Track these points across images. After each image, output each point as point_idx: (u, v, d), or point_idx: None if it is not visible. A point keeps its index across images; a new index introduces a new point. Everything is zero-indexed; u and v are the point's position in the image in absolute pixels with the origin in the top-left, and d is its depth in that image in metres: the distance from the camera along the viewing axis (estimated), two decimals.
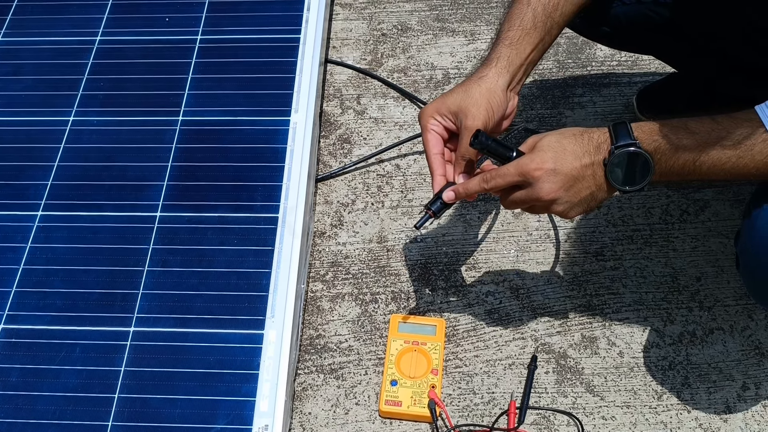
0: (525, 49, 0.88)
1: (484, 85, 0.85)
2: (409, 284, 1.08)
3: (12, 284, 0.99)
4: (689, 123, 0.77)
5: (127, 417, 0.89)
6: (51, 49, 1.23)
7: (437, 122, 0.87)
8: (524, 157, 0.80)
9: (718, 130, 0.76)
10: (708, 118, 0.77)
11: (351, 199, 1.17)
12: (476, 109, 0.84)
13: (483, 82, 0.86)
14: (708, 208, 1.15)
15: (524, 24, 0.88)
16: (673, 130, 0.77)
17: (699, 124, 0.77)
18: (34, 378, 0.93)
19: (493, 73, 0.86)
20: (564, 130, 0.82)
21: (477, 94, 0.85)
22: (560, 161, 0.78)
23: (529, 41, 0.88)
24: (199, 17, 1.26)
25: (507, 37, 0.88)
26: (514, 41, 0.88)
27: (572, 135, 0.81)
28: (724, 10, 0.96)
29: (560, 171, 0.78)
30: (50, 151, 1.12)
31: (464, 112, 0.84)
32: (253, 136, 1.12)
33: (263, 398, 0.90)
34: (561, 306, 1.06)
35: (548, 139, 0.80)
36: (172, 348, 0.94)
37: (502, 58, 0.87)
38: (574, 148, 0.79)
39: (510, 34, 0.88)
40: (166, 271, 1.00)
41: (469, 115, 0.84)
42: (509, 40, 0.88)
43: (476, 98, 0.84)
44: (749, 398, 0.97)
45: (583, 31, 1.12)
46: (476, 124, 0.84)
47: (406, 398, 0.95)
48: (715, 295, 1.06)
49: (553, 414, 0.96)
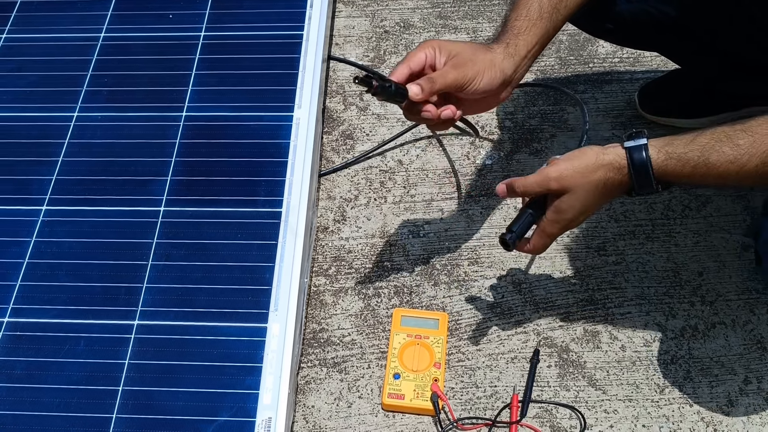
0: (530, 41, 0.88)
1: (489, 55, 0.85)
2: (411, 279, 1.08)
3: (17, 278, 1.00)
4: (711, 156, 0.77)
5: (131, 409, 0.90)
6: (55, 46, 1.23)
7: (426, 55, 0.85)
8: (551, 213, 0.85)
9: (739, 157, 0.75)
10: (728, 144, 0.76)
11: (354, 195, 1.18)
12: (471, 63, 0.84)
13: (491, 52, 0.86)
14: (710, 203, 1.15)
15: (531, 14, 0.88)
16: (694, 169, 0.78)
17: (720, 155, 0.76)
18: (39, 371, 0.93)
19: (501, 51, 0.86)
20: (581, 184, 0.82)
21: (481, 55, 0.85)
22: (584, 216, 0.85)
23: (535, 32, 0.88)
24: (203, 14, 1.26)
25: (514, 26, 0.88)
26: (521, 31, 0.88)
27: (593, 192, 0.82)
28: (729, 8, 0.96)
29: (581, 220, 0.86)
30: (55, 147, 1.12)
31: (461, 58, 0.84)
32: (256, 131, 1.13)
33: (266, 391, 0.90)
34: (563, 300, 1.06)
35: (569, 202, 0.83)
36: (176, 341, 0.95)
37: (510, 45, 0.87)
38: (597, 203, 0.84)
39: (517, 24, 0.88)
40: (170, 265, 1.01)
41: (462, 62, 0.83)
42: (516, 30, 0.88)
43: (479, 57, 0.84)
44: (751, 392, 0.97)
45: (587, 27, 1.13)
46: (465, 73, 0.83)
47: (409, 391, 0.96)
48: (717, 290, 1.06)
49: (555, 407, 0.96)
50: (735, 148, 0.76)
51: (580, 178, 0.81)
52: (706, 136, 0.78)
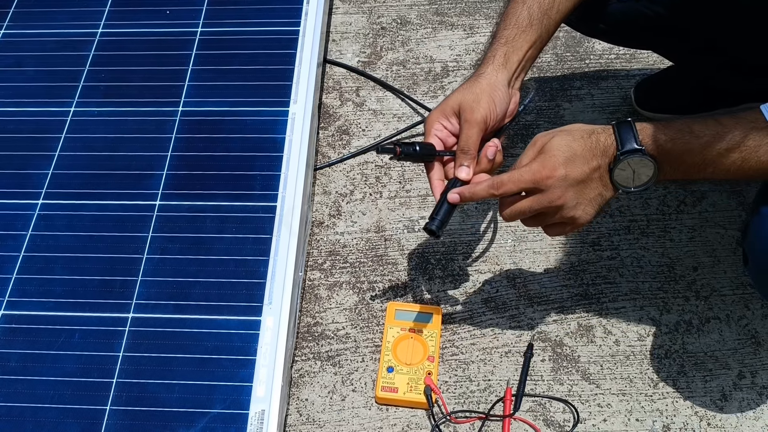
0: (522, 47, 0.89)
1: (484, 80, 0.87)
2: (406, 273, 1.09)
3: (12, 271, 1.00)
4: (694, 125, 0.77)
5: (125, 401, 0.90)
6: (53, 41, 1.24)
7: (441, 126, 0.87)
8: (535, 162, 0.79)
9: (723, 132, 0.75)
10: (712, 120, 0.76)
11: (349, 190, 1.18)
12: (476, 104, 0.85)
13: (482, 78, 0.87)
14: (705, 198, 1.15)
15: (520, 22, 0.89)
16: (678, 132, 0.77)
17: (703, 126, 0.76)
18: (34, 363, 0.93)
19: (490, 69, 0.87)
20: (571, 130, 0.81)
21: (478, 89, 0.86)
22: (571, 166, 0.78)
23: (526, 39, 0.89)
24: (200, 9, 1.27)
25: (503, 36, 0.89)
26: (509, 39, 0.89)
27: (581, 137, 0.80)
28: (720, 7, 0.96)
29: (570, 176, 0.78)
30: (52, 141, 1.13)
31: (464, 107, 0.85)
32: (252, 126, 1.13)
33: (260, 384, 0.91)
34: (557, 295, 1.06)
35: (557, 142, 0.79)
36: (171, 334, 0.95)
37: (498, 56, 0.88)
38: (584, 151, 0.79)
39: (506, 33, 0.89)
40: (165, 258, 1.01)
41: (468, 109, 0.85)
42: (504, 39, 0.89)
43: (477, 93, 0.85)
44: (745, 386, 0.97)
45: (580, 27, 1.13)
46: (476, 117, 0.84)
47: (403, 385, 0.96)
48: (711, 285, 1.06)
49: (548, 401, 0.97)
50: (717, 123, 0.76)
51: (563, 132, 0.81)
52: (690, 116, 0.79)
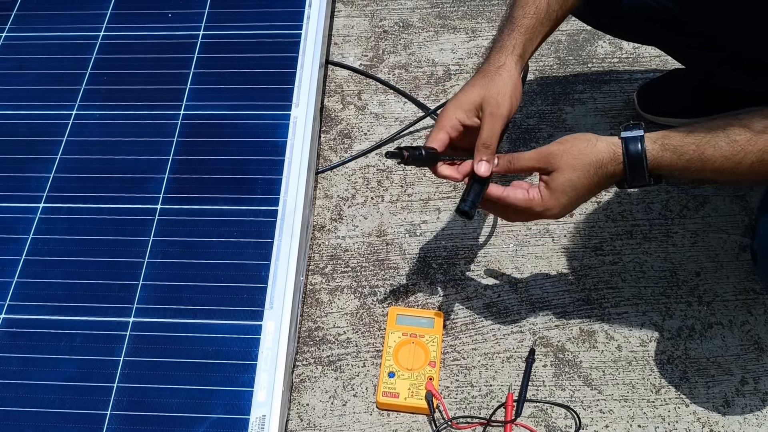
0: (539, 38, 0.88)
1: (505, 74, 0.85)
2: (407, 278, 1.08)
3: (13, 275, 1.00)
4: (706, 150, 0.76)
5: (125, 406, 0.90)
6: (55, 44, 1.24)
7: (458, 123, 0.86)
8: (546, 197, 0.82)
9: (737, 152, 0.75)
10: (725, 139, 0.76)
11: (351, 194, 1.18)
12: (502, 98, 0.83)
13: (503, 71, 0.85)
14: (708, 203, 1.14)
15: (539, 12, 0.87)
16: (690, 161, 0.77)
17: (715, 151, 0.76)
18: (34, 367, 0.93)
19: (510, 61, 0.85)
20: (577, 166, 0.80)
21: (501, 83, 0.84)
22: (570, 204, 0.83)
23: (542, 30, 0.88)
24: (202, 13, 1.27)
25: (522, 25, 0.86)
26: (529, 29, 0.86)
27: (586, 175, 0.80)
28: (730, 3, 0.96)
29: (567, 208, 0.83)
30: (53, 145, 1.13)
31: (488, 101, 0.83)
32: (253, 130, 1.13)
33: (261, 388, 0.90)
34: (559, 300, 1.06)
35: (563, 182, 0.81)
36: (171, 338, 0.95)
37: (518, 46, 0.86)
38: (588, 190, 0.81)
39: (525, 22, 0.86)
40: (166, 262, 1.01)
41: (493, 103, 0.83)
42: (524, 28, 0.86)
43: (501, 87, 0.84)
44: (748, 392, 0.97)
45: (589, 20, 1.12)
46: (503, 112, 0.83)
47: (404, 390, 0.96)
48: (714, 290, 1.06)
49: (550, 407, 0.96)
50: (732, 143, 0.75)
51: (572, 159, 0.80)
52: (703, 129, 0.77)
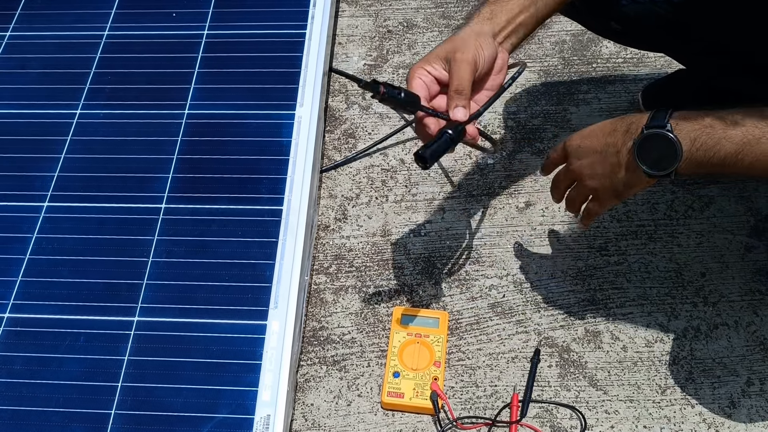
0: (511, 9, 0.86)
1: (468, 28, 0.85)
2: (412, 278, 1.08)
3: (18, 274, 1.00)
4: (736, 114, 0.75)
5: (130, 405, 0.90)
6: (59, 44, 1.24)
7: (425, 72, 0.83)
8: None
9: (766, 123, 0.74)
10: (755, 110, 0.75)
11: (355, 193, 1.17)
12: (464, 46, 0.82)
13: (467, 27, 0.85)
14: (713, 204, 1.14)
15: None
16: (717, 119, 0.75)
17: (745, 116, 0.75)
18: (39, 366, 0.93)
19: (475, 21, 0.86)
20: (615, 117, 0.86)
21: (464, 34, 0.84)
22: (588, 138, 0.86)
23: (519, 7, 0.86)
24: (206, 12, 1.27)
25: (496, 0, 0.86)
26: (502, 1, 0.86)
27: (614, 119, 0.85)
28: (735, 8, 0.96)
29: (583, 146, 0.86)
30: (57, 144, 1.12)
31: (453, 50, 0.82)
32: (258, 129, 1.13)
33: (266, 388, 0.90)
34: (564, 300, 1.05)
35: (593, 124, 0.86)
36: (176, 338, 0.95)
37: (483, 12, 0.86)
38: (604, 126, 0.85)
39: None
40: (171, 261, 1.01)
41: (457, 50, 0.82)
42: (496, 1, 0.86)
43: (463, 38, 0.83)
44: (753, 393, 0.97)
45: (593, 26, 1.12)
46: (467, 56, 0.81)
47: (409, 390, 0.95)
48: (719, 291, 1.06)
49: (555, 407, 0.96)
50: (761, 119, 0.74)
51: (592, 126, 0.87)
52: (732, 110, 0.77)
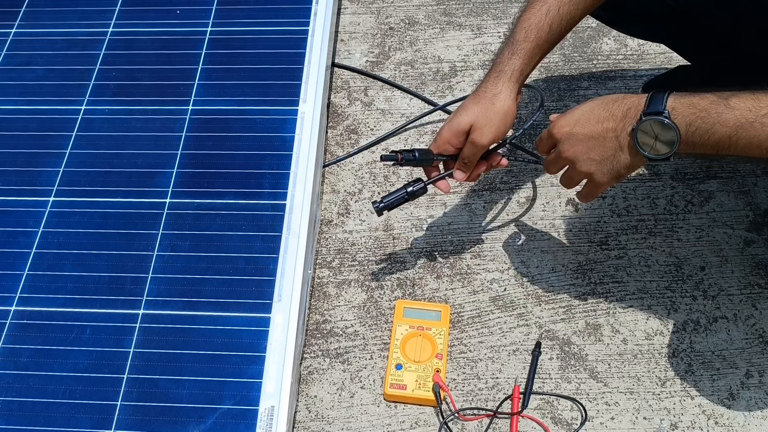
0: (536, 60, 0.94)
1: (498, 104, 0.91)
2: (414, 271, 1.09)
3: (24, 267, 1.01)
4: (730, 98, 0.76)
5: (135, 397, 0.91)
6: (64, 40, 1.25)
7: (450, 147, 0.94)
8: (556, 117, 0.87)
9: (759, 107, 0.74)
10: (748, 94, 0.76)
11: (358, 188, 1.18)
12: (488, 128, 0.91)
13: (497, 100, 0.91)
14: (712, 198, 1.15)
15: (540, 35, 0.91)
16: (712, 104, 0.76)
17: (739, 99, 0.75)
18: (45, 358, 0.94)
19: (506, 89, 0.92)
20: (606, 96, 0.84)
21: (491, 113, 0.91)
22: (580, 125, 0.84)
23: (541, 53, 0.94)
24: (210, 9, 1.28)
25: (523, 49, 0.92)
26: (528, 53, 0.92)
27: (606, 101, 0.83)
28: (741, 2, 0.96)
29: (577, 133, 0.84)
30: (62, 139, 1.14)
31: (475, 128, 0.92)
32: (261, 125, 1.14)
33: (269, 380, 0.91)
34: (565, 294, 1.06)
35: (582, 105, 0.85)
36: (181, 330, 0.96)
37: (516, 72, 0.92)
38: (600, 112, 0.83)
39: (526, 46, 0.92)
40: (175, 255, 1.02)
41: (477, 131, 0.91)
42: (524, 52, 0.92)
43: (491, 117, 0.91)
44: (752, 385, 0.98)
45: (599, 15, 1.12)
46: (484, 142, 0.92)
47: (411, 382, 0.96)
48: (719, 284, 1.07)
49: (556, 399, 0.97)
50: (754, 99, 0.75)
51: (598, 98, 0.85)
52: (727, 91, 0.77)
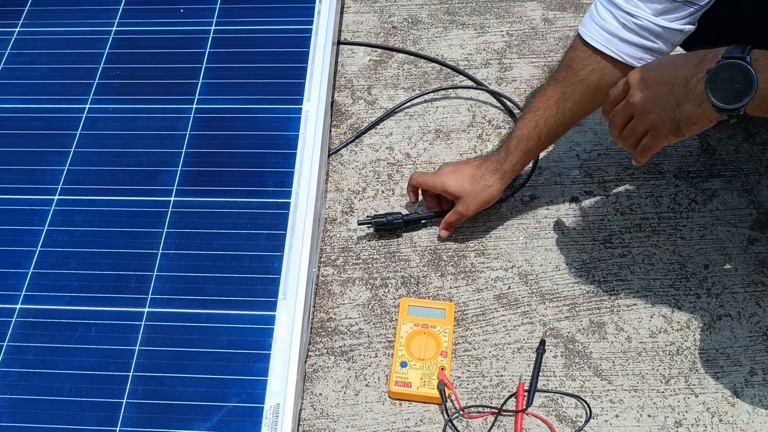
0: (529, 160, 1.06)
1: (488, 193, 1.05)
2: (418, 270, 1.09)
3: (29, 266, 1.01)
4: None
5: (141, 395, 0.91)
6: (68, 39, 1.25)
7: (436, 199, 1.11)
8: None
9: None
10: None
11: (362, 187, 1.19)
12: (474, 207, 1.06)
13: (489, 190, 1.05)
14: (716, 197, 1.15)
15: (530, 144, 1.02)
16: None
17: None
18: (51, 357, 0.94)
19: (497, 183, 1.04)
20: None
21: (480, 198, 1.05)
22: (656, 69, 0.81)
23: (534, 156, 1.08)
24: (213, 8, 1.28)
25: (515, 156, 1.03)
26: (520, 158, 1.03)
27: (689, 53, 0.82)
28: None
29: (648, 77, 0.81)
30: (67, 138, 1.14)
31: (463, 202, 1.05)
32: (265, 123, 1.14)
33: (275, 378, 0.92)
34: (569, 292, 1.07)
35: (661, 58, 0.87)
36: (186, 328, 0.96)
37: (508, 172, 1.04)
38: (679, 59, 0.80)
39: (518, 154, 1.03)
40: (180, 253, 1.02)
41: (464, 206, 1.06)
42: (516, 158, 1.03)
43: (478, 200, 1.05)
44: (756, 383, 0.98)
45: None
46: (468, 214, 1.07)
47: (416, 380, 0.97)
48: (722, 283, 1.07)
49: (561, 397, 0.97)
50: None
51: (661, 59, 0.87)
52: None
